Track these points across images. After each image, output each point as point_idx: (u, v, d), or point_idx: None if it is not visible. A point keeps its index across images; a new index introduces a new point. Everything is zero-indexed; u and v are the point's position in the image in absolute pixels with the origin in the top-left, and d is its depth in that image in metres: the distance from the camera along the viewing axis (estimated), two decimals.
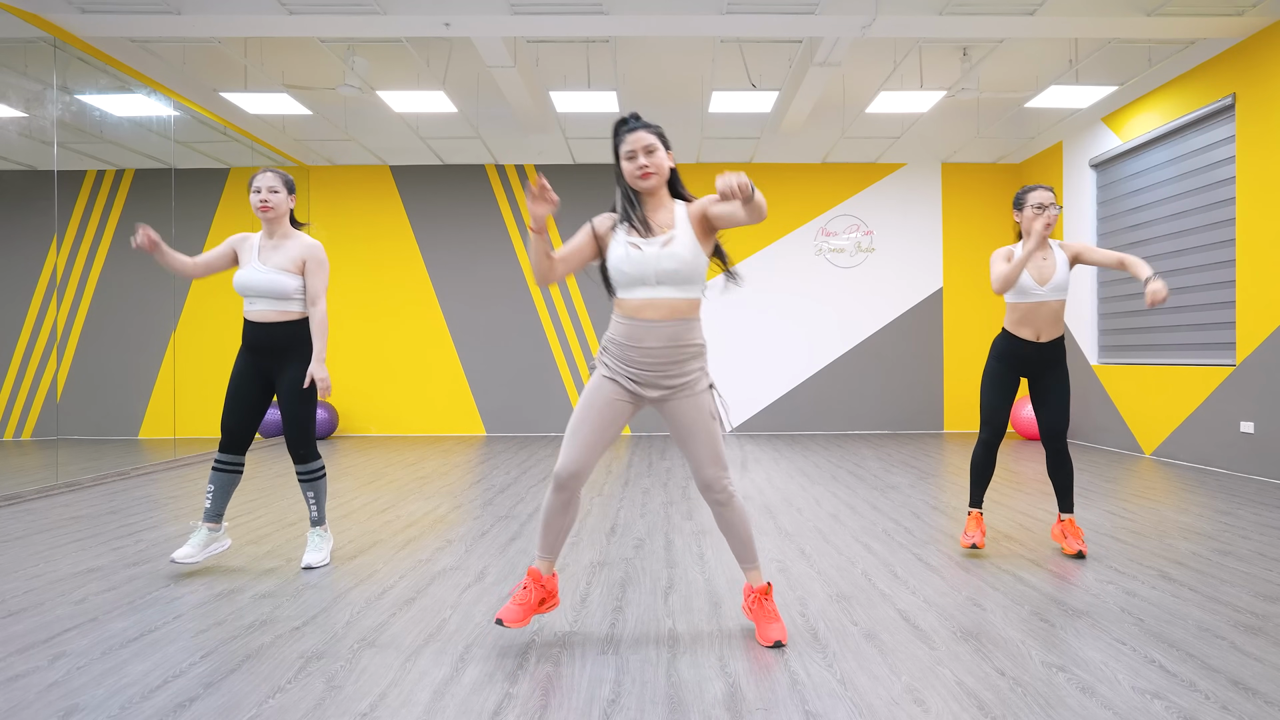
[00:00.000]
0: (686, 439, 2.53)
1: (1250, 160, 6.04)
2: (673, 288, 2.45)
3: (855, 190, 9.72)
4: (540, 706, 2.10)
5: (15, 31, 5.64)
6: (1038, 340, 3.58)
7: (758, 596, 2.62)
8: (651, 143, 2.45)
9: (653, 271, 2.42)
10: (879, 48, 6.38)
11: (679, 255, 2.43)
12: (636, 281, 2.44)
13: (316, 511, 3.60)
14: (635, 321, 2.46)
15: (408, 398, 9.65)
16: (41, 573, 3.42)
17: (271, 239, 3.49)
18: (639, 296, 2.46)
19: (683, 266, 2.43)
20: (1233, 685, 2.22)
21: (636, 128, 2.46)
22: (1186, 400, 6.72)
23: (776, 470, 6.46)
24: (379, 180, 9.71)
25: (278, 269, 3.42)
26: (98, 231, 9.40)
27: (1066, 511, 3.70)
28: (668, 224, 2.48)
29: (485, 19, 5.61)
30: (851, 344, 9.68)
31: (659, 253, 2.42)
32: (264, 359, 3.47)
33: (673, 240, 2.44)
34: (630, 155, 2.45)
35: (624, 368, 2.49)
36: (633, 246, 2.44)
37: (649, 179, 2.45)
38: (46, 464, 6.89)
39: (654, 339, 2.44)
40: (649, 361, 2.46)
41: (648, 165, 2.44)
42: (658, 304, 2.44)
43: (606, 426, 2.50)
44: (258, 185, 3.43)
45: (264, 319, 3.43)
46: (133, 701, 2.13)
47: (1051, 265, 3.55)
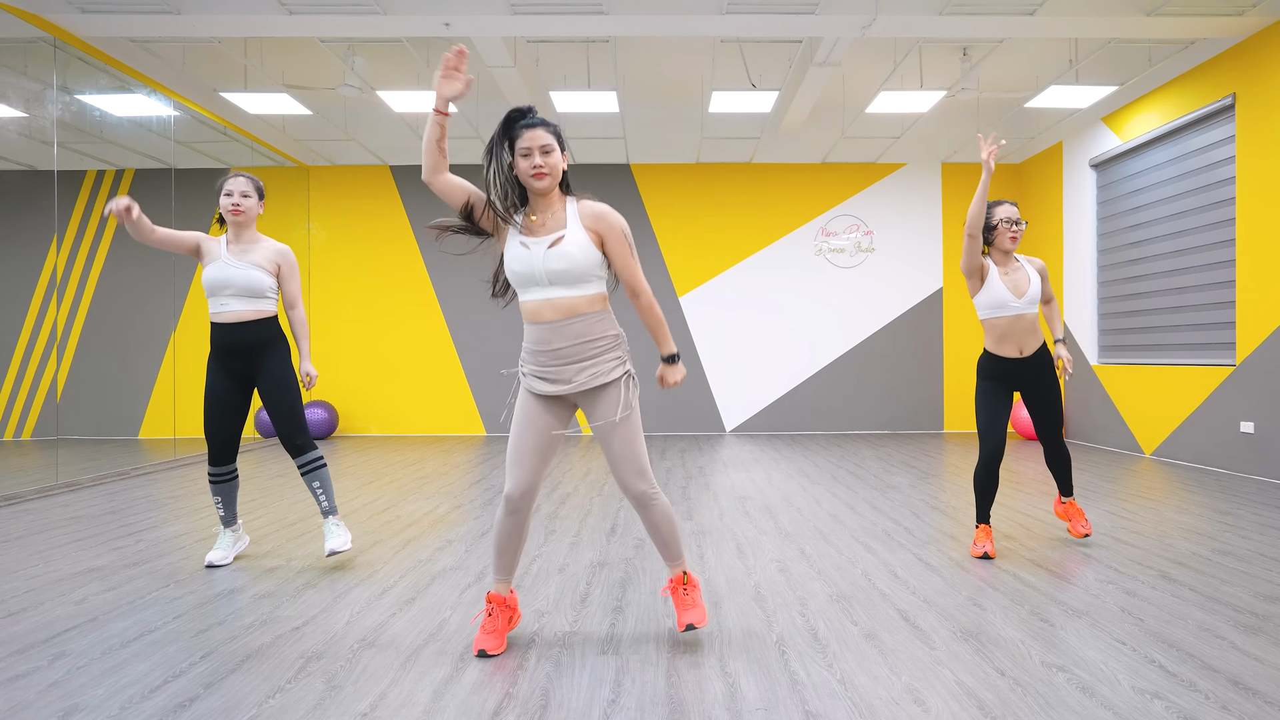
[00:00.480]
0: (605, 440, 2.48)
1: (1250, 160, 6.04)
2: (565, 287, 2.39)
3: (855, 190, 9.72)
4: (540, 706, 2.10)
5: (15, 31, 5.64)
6: (1021, 356, 3.62)
7: (674, 585, 2.59)
8: (549, 143, 2.36)
9: (542, 271, 2.37)
10: (879, 48, 6.38)
11: (568, 254, 2.35)
12: (529, 282, 2.40)
13: (326, 501, 3.56)
14: (539, 325, 2.43)
15: (408, 398, 9.65)
16: (41, 573, 3.42)
17: (239, 243, 3.48)
18: (534, 298, 2.42)
19: (572, 266, 2.36)
20: (1233, 685, 2.22)
21: (535, 124, 2.37)
22: (1186, 400, 6.72)
23: (776, 470, 6.46)
24: (379, 180, 9.71)
25: (252, 264, 3.42)
26: (98, 231, 9.40)
27: (1067, 494, 3.87)
28: (558, 222, 2.40)
29: (485, 19, 5.61)
30: (851, 344, 9.68)
31: (546, 253, 2.36)
32: (238, 361, 3.44)
33: (562, 239, 2.37)
34: (526, 153, 2.36)
35: (538, 370, 2.47)
36: (522, 246, 2.39)
37: (542, 179, 2.37)
38: (46, 464, 6.89)
39: (560, 339, 2.41)
40: (560, 363, 2.43)
41: (542, 166, 2.35)
42: (555, 304, 2.40)
43: (544, 442, 2.48)
44: (229, 189, 3.43)
45: (237, 319, 3.41)
46: (133, 701, 2.13)
47: (1025, 277, 3.61)
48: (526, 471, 2.46)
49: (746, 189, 9.70)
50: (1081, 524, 3.82)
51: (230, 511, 3.58)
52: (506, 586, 2.57)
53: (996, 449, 3.59)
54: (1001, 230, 3.58)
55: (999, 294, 3.56)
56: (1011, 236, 3.57)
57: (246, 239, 3.49)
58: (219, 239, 3.49)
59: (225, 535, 3.60)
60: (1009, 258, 3.63)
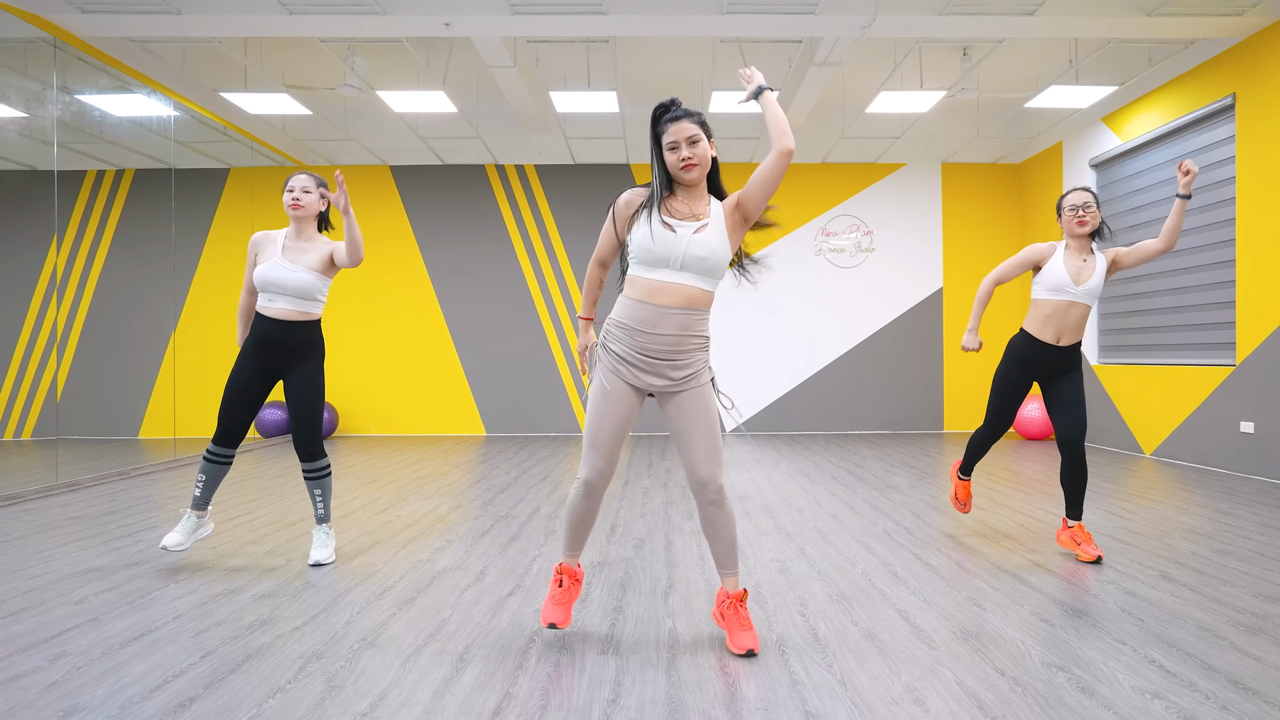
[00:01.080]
0: (686, 433, 2.48)
1: (1250, 160, 6.04)
2: (695, 275, 2.40)
3: (855, 190, 9.72)
4: (540, 706, 2.10)
5: (15, 31, 5.64)
6: (1057, 343, 3.55)
7: (733, 602, 2.53)
8: (695, 133, 2.37)
9: (680, 255, 2.37)
10: (879, 48, 6.38)
11: (709, 243, 2.38)
12: (661, 262, 2.38)
13: (324, 509, 3.62)
14: (649, 305, 2.40)
15: (408, 398, 9.65)
16: (41, 573, 3.42)
17: (299, 240, 3.52)
18: (659, 278, 2.39)
19: (710, 255, 2.38)
20: (1233, 685, 2.22)
21: (679, 116, 2.38)
22: (1186, 400, 6.72)
23: (776, 470, 6.46)
24: (379, 180, 9.71)
25: (306, 269, 3.46)
26: (98, 231, 9.40)
27: (1075, 518, 3.62)
28: (704, 213, 2.44)
29: (485, 19, 5.61)
30: (851, 344, 9.68)
31: (691, 237, 2.37)
32: (273, 357, 3.49)
33: (706, 227, 2.40)
34: (673, 145, 2.38)
35: (629, 354, 2.43)
36: (665, 226, 2.37)
37: (692, 170, 2.38)
38: (46, 464, 6.89)
39: (666, 325, 2.40)
40: (656, 348, 2.41)
41: (690, 157, 2.37)
42: (675, 289, 2.39)
43: (622, 426, 2.49)
44: (291, 185, 3.49)
45: (283, 316, 3.46)
46: (133, 701, 2.13)
47: (1091, 267, 3.52)
48: (605, 458, 2.48)
49: None
50: (1091, 547, 3.52)
51: (207, 495, 3.59)
52: (576, 559, 2.64)
53: (1001, 430, 3.73)
54: (1067, 218, 3.55)
55: (1059, 276, 3.51)
56: (1079, 221, 3.50)
57: (305, 236, 3.53)
58: (278, 235, 3.53)
59: (190, 519, 3.55)
60: (1084, 246, 3.56)
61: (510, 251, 9.65)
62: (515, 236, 9.64)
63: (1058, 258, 3.56)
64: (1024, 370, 3.64)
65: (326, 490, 3.63)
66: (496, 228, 9.66)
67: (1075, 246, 3.58)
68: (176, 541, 3.47)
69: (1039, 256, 3.62)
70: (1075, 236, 3.55)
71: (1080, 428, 3.52)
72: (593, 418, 2.49)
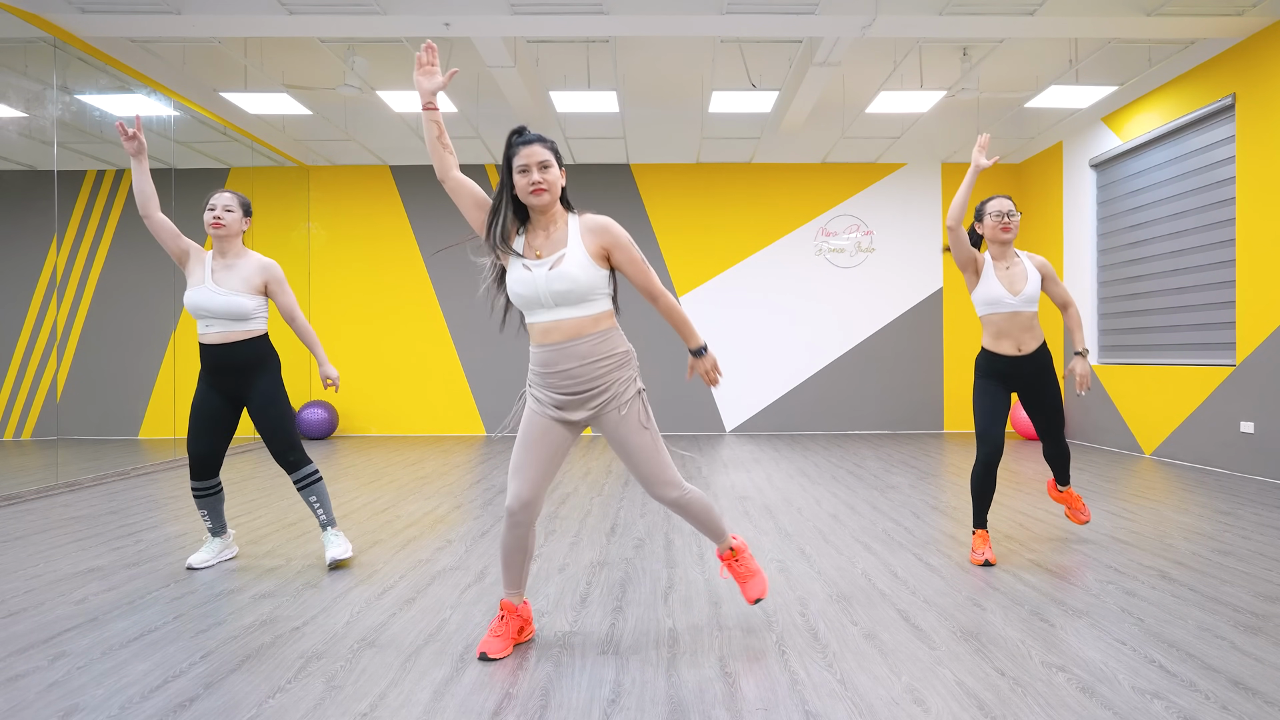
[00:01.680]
0: (625, 457, 2.49)
1: (1250, 160, 6.04)
2: (570, 307, 2.36)
3: (855, 190, 9.72)
4: (540, 706, 2.10)
5: (15, 31, 5.64)
6: (1019, 353, 3.55)
7: (727, 561, 2.69)
8: (546, 158, 2.34)
9: (546, 293, 2.34)
10: (879, 48, 6.38)
11: (569, 275, 2.32)
12: (533, 304, 2.37)
13: (325, 515, 3.55)
14: (545, 348, 2.40)
15: (408, 398, 9.65)
16: (41, 573, 3.42)
17: (224, 258, 3.42)
18: (540, 320, 2.40)
19: (575, 287, 2.33)
20: (1233, 685, 2.22)
21: (531, 140, 2.36)
22: (1186, 400, 6.72)
23: (776, 470, 6.46)
24: (379, 180, 9.71)
25: (233, 291, 3.36)
26: (98, 231, 9.40)
27: (1063, 484, 3.87)
28: (559, 242, 2.38)
29: (485, 19, 5.61)
30: (851, 344, 9.68)
31: (548, 275, 2.33)
32: (227, 380, 3.41)
33: (563, 259, 2.34)
34: (523, 169, 2.33)
35: (548, 395, 2.43)
36: (524, 269, 2.36)
37: (541, 195, 2.34)
38: (46, 464, 6.89)
39: (568, 361, 2.38)
40: (569, 385, 2.40)
41: (540, 181, 2.33)
42: (561, 326, 2.37)
43: (549, 457, 2.45)
44: (212, 203, 3.39)
45: (224, 339, 3.37)
46: (133, 701, 2.13)
47: (1022, 274, 3.53)
48: (528, 482, 2.42)
49: (746, 189, 9.70)
50: (1080, 510, 3.84)
51: (218, 523, 3.54)
52: (518, 597, 2.55)
53: (995, 449, 3.50)
54: (990, 223, 3.54)
55: (993, 289, 3.52)
56: (1002, 228, 3.50)
57: (231, 255, 3.43)
58: (205, 256, 3.42)
59: (213, 543, 3.56)
60: (1007, 251, 3.57)
61: None
62: None
63: (988, 271, 3.56)
64: (997, 384, 3.61)
65: (322, 495, 3.55)
66: None
67: (998, 254, 3.58)
68: (202, 559, 3.48)
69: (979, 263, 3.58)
70: (998, 243, 3.55)
71: (1059, 423, 3.69)
72: (518, 444, 2.46)
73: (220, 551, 3.57)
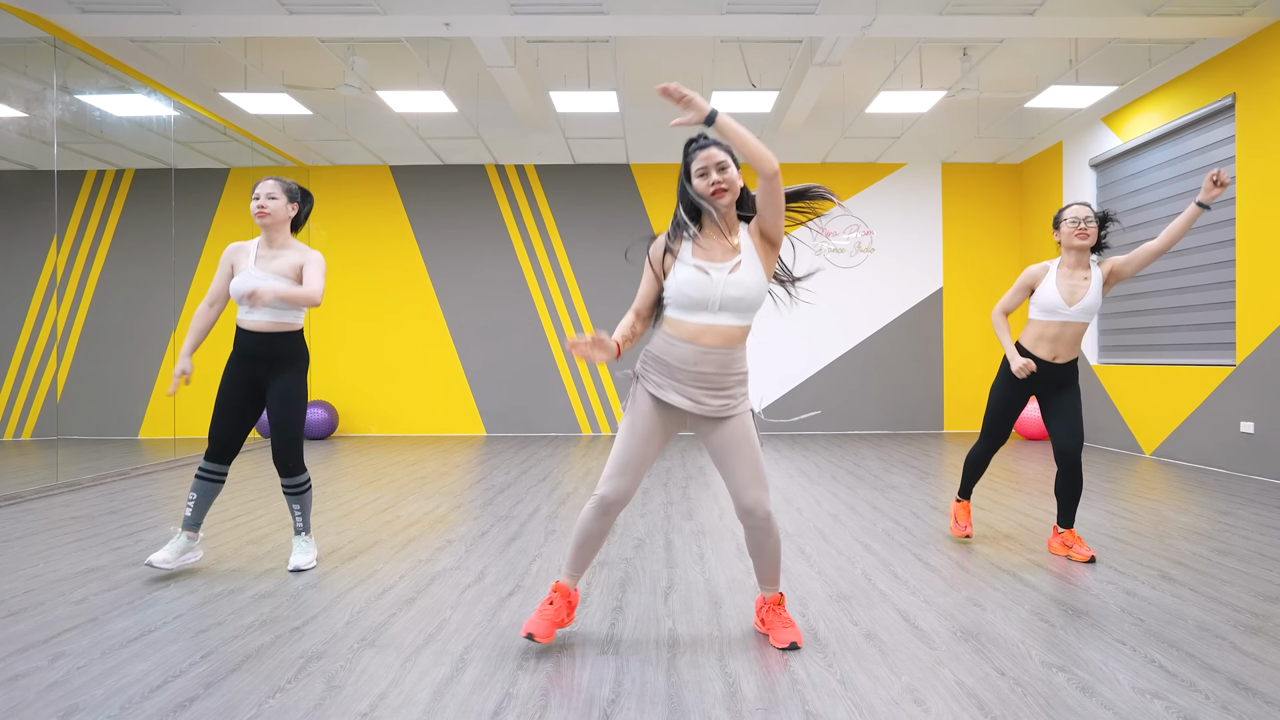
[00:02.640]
0: (730, 461, 2.49)
1: (1250, 160, 6.04)
2: (734, 314, 2.41)
3: (855, 190, 9.72)
4: (540, 706, 2.10)
5: (15, 31, 5.64)
6: (1054, 360, 3.53)
7: (770, 605, 2.61)
8: (724, 159, 2.39)
9: (718, 298, 2.38)
10: (879, 48, 6.38)
11: (745, 283, 2.39)
12: (699, 306, 2.39)
13: (302, 521, 3.54)
14: (692, 346, 2.41)
15: (408, 398, 9.64)
16: (41, 573, 3.42)
17: (271, 248, 3.41)
18: (699, 321, 2.40)
19: (748, 294, 2.39)
20: (1233, 685, 2.22)
21: (708, 144, 2.41)
22: (1186, 400, 6.72)
23: (776, 470, 6.46)
24: (379, 180, 9.71)
25: (279, 276, 3.35)
26: (98, 231, 9.40)
27: (1066, 525, 3.63)
28: (737, 249, 2.43)
29: (485, 19, 5.61)
30: (851, 344, 9.68)
31: (726, 279, 2.38)
32: (256, 368, 3.40)
33: (740, 266, 2.40)
34: (702, 172, 2.39)
35: (666, 383, 2.44)
36: (699, 270, 2.38)
37: (723, 196, 2.38)
38: (46, 464, 6.89)
39: (706, 365, 2.41)
40: (700, 386, 2.43)
41: (720, 181, 2.38)
42: (717, 330, 2.40)
43: (652, 454, 2.49)
44: (257, 192, 3.39)
45: (261, 328, 3.37)
46: (133, 701, 2.13)
47: (1086, 284, 3.48)
48: (630, 481, 2.45)
49: None
50: (1082, 548, 3.53)
51: (198, 516, 3.45)
52: (575, 582, 2.58)
53: (998, 442, 3.63)
54: (1066, 230, 3.51)
55: (1051, 297, 3.48)
56: (1078, 234, 3.46)
57: (277, 244, 3.42)
58: (250, 245, 3.43)
59: (179, 539, 3.41)
60: (1082, 260, 3.52)
61: (510, 251, 9.65)
62: (515, 236, 9.64)
63: (1050, 277, 3.53)
64: (1021, 384, 3.60)
65: (306, 505, 3.53)
66: (496, 228, 9.66)
67: (1071, 261, 3.54)
68: (162, 559, 3.32)
69: (1034, 279, 3.59)
70: (1073, 250, 3.51)
71: (1077, 441, 3.50)
72: (628, 435, 2.47)
73: (182, 553, 3.40)
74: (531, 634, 2.44)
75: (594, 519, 2.48)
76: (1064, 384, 3.56)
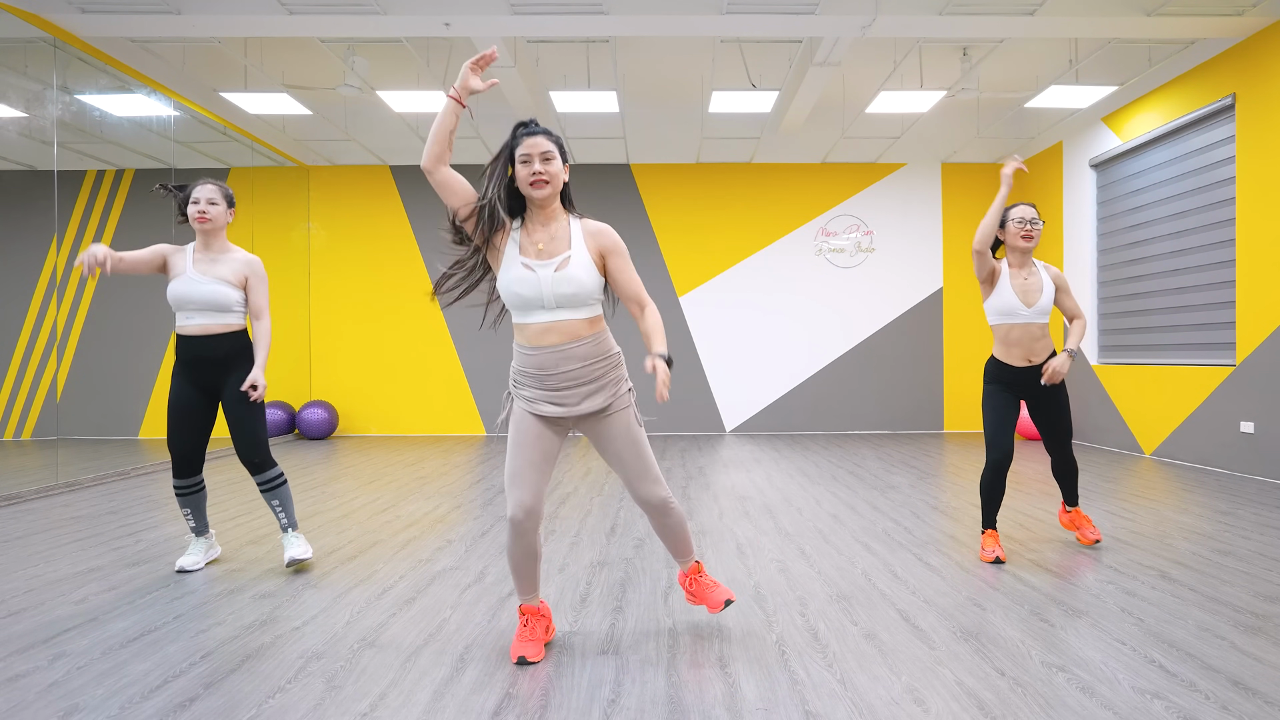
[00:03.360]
0: (615, 457, 2.47)
1: (1250, 160, 6.04)
2: (571, 310, 2.34)
3: (855, 190, 9.72)
4: (540, 706, 2.10)
5: (15, 31, 5.64)
6: (1029, 364, 3.57)
7: (692, 576, 2.70)
8: (549, 150, 2.32)
9: (550, 295, 2.31)
10: (879, 48, 6.38)
11: (575, 278, 2.31)
12: (533, 305, 2.33)
13: (286, 518, 3.50)
14: (540, 350, 2.36)
15: (408, 398, 9.64)
16: (41, 573, 3.42)
17: (208, 251, 3.37)
18: (538, 321, 2.35)
19: (580, 290, 2.32)
20: (1233, 685, 2.22)
21: (536, 132, 2.34)
22: (1186, 400, 6.72)
23: (776, 470, 6.46)
24: (379, 180, 9.71)
25: (218, 279, 3.32)
26: (98, 231, 9.40)
27: (1072, 503, 3.83)
28: (563, 243, 2.36)
29: (485, 19, 5.61)
30: (851, 344, 9.68)
31: (554, 276, 2.31)
32: (204, 374, 3.36)
33: (568, 261, 2.32)
34: (525, 159, 2.32)
35: (538, 395, 2.40)
36: (525, 268, 2.32)
37: (542, 188, 2.32)
38: (46, 464, 6.89)
39: (565, 364, 2.36)
40: (565, 387, 2.38)
41: (542, 173, 2.31)
42: (558, 328, 2.35)
43: (544, 461, 2.41)
44: (196, 196, 3.34)
45: (203, 331, 3.32)
46: (133, 701, 2.13)
47: (1037, 286, 3.55)
48: (529, 490, 2.37)
49: (746, 189, 9.70)
50: (1090, 530, 3.77)
51: (200, 522, 3.51)
52: (535, 599, 2.52)
53: (1005, 455, 3.52)
54: (1012, 229, 3.54)
55: (1008, 300, 3.53)
56: (1024, 235, 3.51)
57: (215, 249, 3.38)
58: (186, 249, 3.38)
59: (198, 543, 3.53)
60: (1026, 260, 3.57)
61: None
62: None
63: (1004, 278, 3.56)
64: (1006, 391, 3.62)
65: (285, 499, 3.50)
66: None
67: (1017, 262, 3.59)
68: (192, 561, 3.45)
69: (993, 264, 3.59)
70: (1018, 250, 3.56)
71: (1066, 434, 3.67)
72: (512, 451, 2.41)
73: (206, 552, 3.54)
74: (523, 657, 2.40)
75: (512, 543, 2.40)
76: (1048, 386, 3.59)
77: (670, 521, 2.57)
